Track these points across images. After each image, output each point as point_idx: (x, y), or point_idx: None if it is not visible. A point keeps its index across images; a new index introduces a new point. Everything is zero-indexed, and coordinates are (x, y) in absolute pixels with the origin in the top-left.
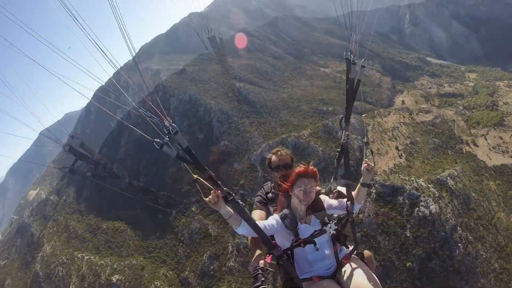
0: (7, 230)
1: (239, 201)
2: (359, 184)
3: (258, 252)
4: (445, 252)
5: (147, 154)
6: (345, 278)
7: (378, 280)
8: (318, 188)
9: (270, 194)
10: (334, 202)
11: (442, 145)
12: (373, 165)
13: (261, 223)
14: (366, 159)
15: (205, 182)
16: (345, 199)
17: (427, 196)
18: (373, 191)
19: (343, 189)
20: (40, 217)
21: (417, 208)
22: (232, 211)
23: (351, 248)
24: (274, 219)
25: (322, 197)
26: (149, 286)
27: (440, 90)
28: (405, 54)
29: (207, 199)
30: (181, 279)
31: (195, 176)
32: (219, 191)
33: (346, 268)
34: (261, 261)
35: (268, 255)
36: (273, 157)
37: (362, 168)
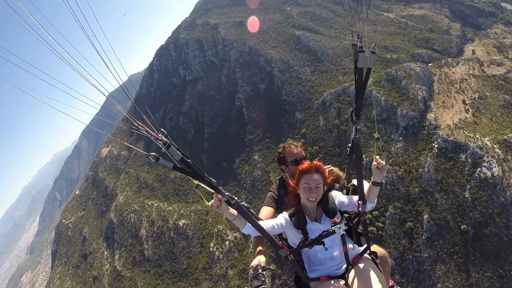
0: (83, 186)
1: (244, 203)
2: (370, 183)
3: (259, 251)
4: (503, 220)
5: (210, 106)
6: (354, 280)
7: (385, 285)
8: (334, 171)
9: (281, 189)
10: (345, 199)
11: None
12: (384, 163)
13: (269, 223)
14: (377, 156)
15: (207, 187)
16: (356, 197)
17: (491, 157)
18: (435, 146)
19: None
20: (113, 171)
21: (479, 169)
22: (236, 213)
23: (363, 247)
24: (283, 217)
25: (334, 193)
26: (212, 230)
27: None
28: None
29: (210, 203)
30: None
31: (196, 182)
32: (220, 195)
33: (355, 269)
34: (262, 260)
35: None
36: (287, 151)
37: (372, 166)
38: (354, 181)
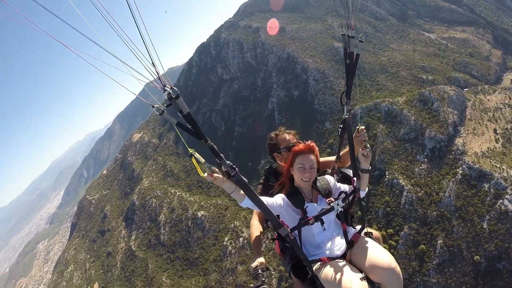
0: (111, 166)
1: (243, 177)
2: (359, 171)
3: (258, 254)
4: None
5: (244, 106)
6: (357, 256)
7: (391, 255)
8: (327, 159)
9: (272, 177)
10: (338, 184)
11: None
12: (368, 150)
13: (267, 200)
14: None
15: (201, 157)
16: (347, 185)
17: None
18: (459, 171)
19: (347, 171)
20: (141, 156)
21: (501, 201)
22: (234, 185)
23: (359, 227)
24: (280, 197)
25: (328, 177)
26: (229, 225)
27: None
28: None
29: (204, 175)
30: None
31: (191, 150)
32: (214, 174)
33: (357, 247)
34: (262, 261)
35: (273, 240)
36: (279, 138)
37: (358, 153)
38: (343, 169)
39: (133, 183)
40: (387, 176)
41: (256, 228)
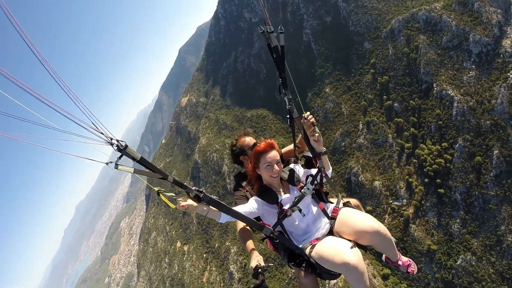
0: (168, 135)
1: (212, 196)
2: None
3: (253, 251)
4: None
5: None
6: (342, 228)
7: (372, 217)
8: (287, 148)
9: (243, 182)
10: (304, 169)
11: None
12: (317, 135)
13: (242, 208)
14: (311, 131)
15: (168, 194)
16: (312, 168)
17: None
18: (510, 76)
19: (309, 154)
20: (193, 118)
21: None
22: (207, 206)
23: (335, 201)
24: (253, 200)
25: (292, 165)
26: None
27: None
28: None
29: (175, 207)
30: None
31: (156, 188)
32: (184, 204)
33: (339, 220)
34: (261, 260)
35: (262, 240)
36: (241, 143)
37: (310, 141)
38: (305, 153)
39: (192, 144)
40: (435, 88)
41: (241, 224)
